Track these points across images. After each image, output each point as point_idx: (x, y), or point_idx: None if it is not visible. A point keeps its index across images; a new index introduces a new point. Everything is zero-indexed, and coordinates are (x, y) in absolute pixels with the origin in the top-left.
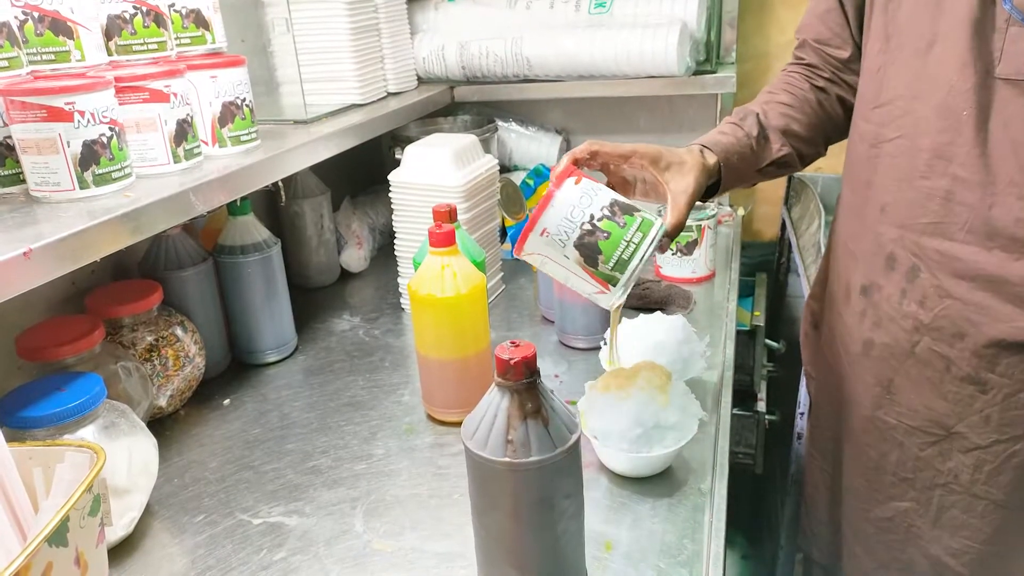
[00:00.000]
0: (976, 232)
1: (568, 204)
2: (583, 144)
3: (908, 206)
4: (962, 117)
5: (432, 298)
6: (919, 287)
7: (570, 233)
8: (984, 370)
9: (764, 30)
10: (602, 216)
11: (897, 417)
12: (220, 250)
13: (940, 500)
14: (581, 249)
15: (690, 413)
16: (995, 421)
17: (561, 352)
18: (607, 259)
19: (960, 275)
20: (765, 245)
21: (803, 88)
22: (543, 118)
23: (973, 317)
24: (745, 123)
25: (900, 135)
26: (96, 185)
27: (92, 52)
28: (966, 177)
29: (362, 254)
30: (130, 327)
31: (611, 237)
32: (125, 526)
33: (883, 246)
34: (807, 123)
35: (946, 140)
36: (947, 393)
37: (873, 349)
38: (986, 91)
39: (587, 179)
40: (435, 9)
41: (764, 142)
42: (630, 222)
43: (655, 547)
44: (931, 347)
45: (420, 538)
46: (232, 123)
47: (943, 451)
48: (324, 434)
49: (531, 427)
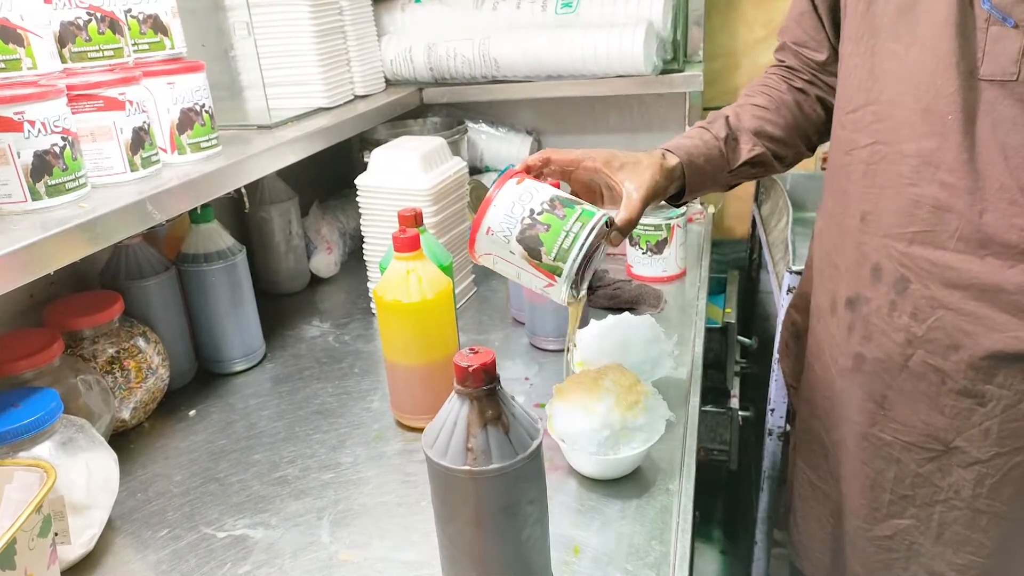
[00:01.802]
0: (967, 240)
1: (509, 202)
2: (536, 153)
3: (893, 215)
4: (947, 121)
5: (398, 304)
6: (909, 298)
7: (512, 229)
8: (981, 382)
9: (731, 28)
10: (542, 210)
11: (893, 433)
12: (183, 259)
13: (941, 516)
14: (524, 243)
15: (658, 414)
16: (995, 434)
17: (532, 354)
18: (548, 250)
19: (953, 285)
20: (737, 242)
21: (780, 90)
22: (513, 119)
23: (968, 328)
24: (713, 126)
25: (875, 140)
26: (49, 196)
27: (44, 60)
28: (954, 183)
29: (332, 259)
30: (91, 339)
31: (551, 229)
32: (85, 543)
33: (867, 256)
34: (783, 124)
35: (932, 145)
36: (944, 407)
37: (864, 364)
38: (971, 93)
39: (529, 179)
40: (402, 11)
41: (734, 143)
42: (569, 213)
43: (623, 549)
44: (925, 360)
45: (387, 547)
46: (191, 130)
47: (942, 466)
48: (292, 443)
49: (491, 434)
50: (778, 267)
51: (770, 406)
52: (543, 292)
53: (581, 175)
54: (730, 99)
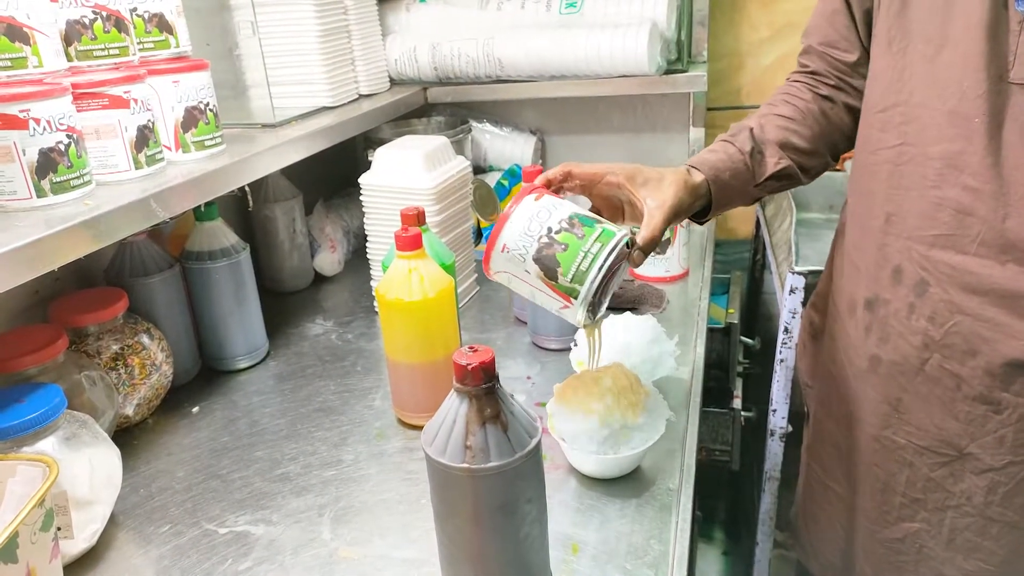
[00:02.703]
0: (989, 245)
1: (526, 219)
2: (557, 167)
3: (917, 217)
4: (973, 124)
5: (400, 302)
6: (928, 302)
7: (528, 247)
8: (998, 389)
9: (735, 28)
10: (560, 229)
11: (906, 437)
12: (187, 256)
13: (952, 522)
14: (540, 263)
15: (658, 413)
16: (1010, 442)
17: (534, 354)
18: (565, 271)
19: (972, 290)
20: (740, 243)
21: (806, 99)
22: (517, 118)
23: (986, 334)
24: (737, 139)
25: (902, 142)
26: (54, 193)
27: (50, 58)
28: (978, 187)
29: (336, 257)
30: (95, 336)
31: (568, 249)
32: (88, 538)
33: (888, 258)
34: (809, 135)
35: (957, 148)
36: (959, 413)
37: (880, 366)
38: (999, 96)
39: (549, 195)
40: (406, 10)
41: (759, 156)
42: (588, 233)
43: (622, 548)
44: (942, 364)
45: (387, 545)
46: (196, 128)
47: (955, 472)
48: (294, 440)
49: (490, 432)
50: (781, 268)
51: (772, 406)
52: (558, 314)
53: (603, 190)
54: (734, 99)
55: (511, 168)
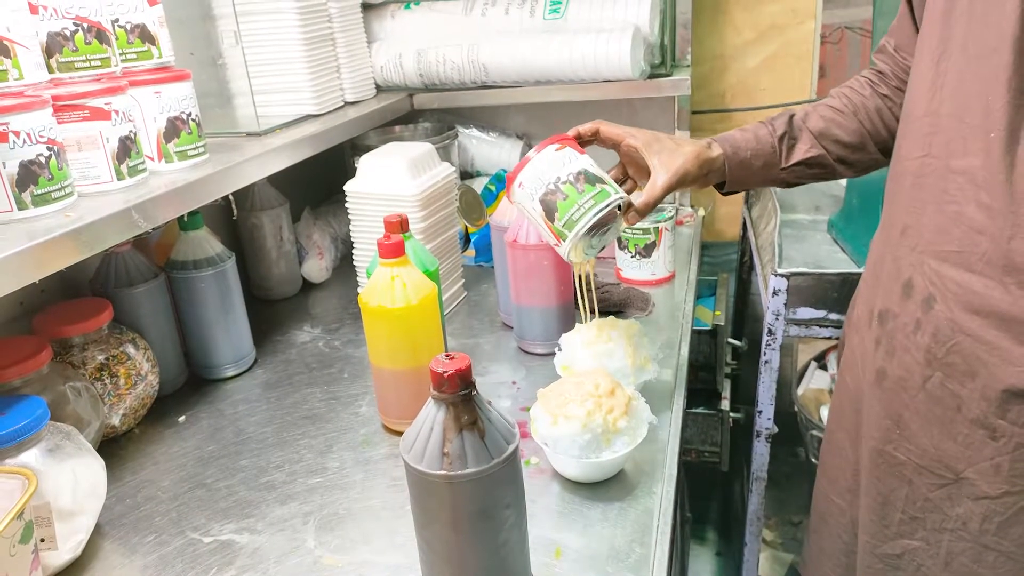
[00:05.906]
0: (994, 264)
1: (543, 165)
2: (589, 123)
3: (932, 231)
4: (990, 139)
5: (383, 309)
6: (933, 319)
7: (538, 189)
8: (994, 416)
9: (719, 32)
10: (566, 180)
11: (906, 454)
12: (172, 265)
13: (949, 545)
14: (543, 204)
15: (640, 418)
16: (1006, 471)
17: (520, 359)
18: (560, 217)
19: (974, 310)
20: (728, 245)
21: (863, 94)
22: (504, 123)
23: (984, 357)
24: (775, 122)
25: (926, 154)
26: (35, 206)
27: (31, 70)
28: (990, 204)
29: (323, 264)
30: (80, 346)
31: (567, 199)
32: (72, 549)
33: (902, 271)
34: (854, 129)
35: (977, 163)
36: (957, 435)
37: (885, 380)
38: (1018, 112)
39: (571, 148)
40: (391, 17)
41: (792, 142)
42: (588, 190)
43: (604, 552)
44: (943, 383)
45: (371, 551)
46: (178, 138)
47: (952, 495)
48: (280, 448)
49: (467, 439)
50: (765, 270)
51: (758, 408)
52: (552, 245)
53: (627, 150)
54: (718, 103)
55: (498, 173)
